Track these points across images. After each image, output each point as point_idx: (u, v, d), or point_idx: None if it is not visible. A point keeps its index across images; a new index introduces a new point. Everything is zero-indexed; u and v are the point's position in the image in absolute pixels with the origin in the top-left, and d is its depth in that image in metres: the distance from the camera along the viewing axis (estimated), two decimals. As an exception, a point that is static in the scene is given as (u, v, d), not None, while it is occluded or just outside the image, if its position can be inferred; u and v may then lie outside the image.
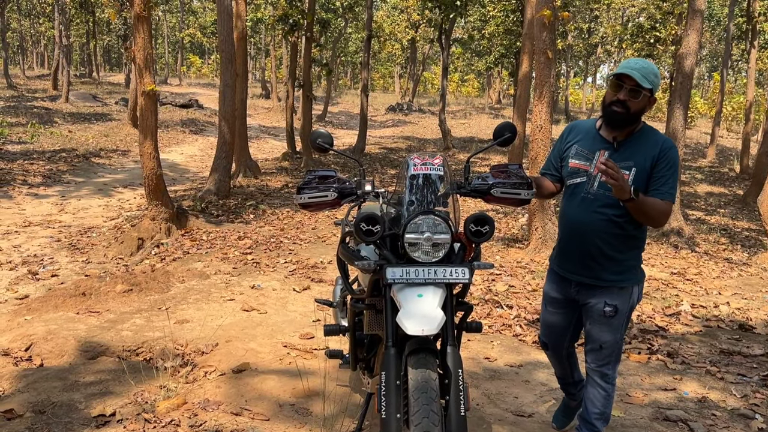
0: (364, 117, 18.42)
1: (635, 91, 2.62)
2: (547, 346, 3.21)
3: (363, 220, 2.35)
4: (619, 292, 2.82)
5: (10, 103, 26.67)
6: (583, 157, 2.84)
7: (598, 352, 2.90)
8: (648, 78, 2.60)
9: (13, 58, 57.12)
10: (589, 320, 2.91)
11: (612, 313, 2.82)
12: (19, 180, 12.68)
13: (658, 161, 2.70)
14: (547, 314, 3.15)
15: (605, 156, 2.75)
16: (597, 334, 2.88)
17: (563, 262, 2.97)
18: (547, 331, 3.17)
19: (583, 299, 2.91)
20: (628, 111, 2.65)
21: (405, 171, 2.53)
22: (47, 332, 4.53)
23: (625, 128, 2.74)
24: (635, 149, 2.75)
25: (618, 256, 2.79)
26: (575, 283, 2.92)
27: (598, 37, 34.47)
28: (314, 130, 2.78)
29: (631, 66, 2.62)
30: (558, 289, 3.03)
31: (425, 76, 50.81)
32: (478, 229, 2.40)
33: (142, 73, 7.76)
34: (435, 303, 2.24)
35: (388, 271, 2.32)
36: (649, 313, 5.75)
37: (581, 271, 2.87)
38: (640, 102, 2.65)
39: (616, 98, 2.66)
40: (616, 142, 2.77)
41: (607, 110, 2.71)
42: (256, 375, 3.79)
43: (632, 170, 2.70)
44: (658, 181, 2.70)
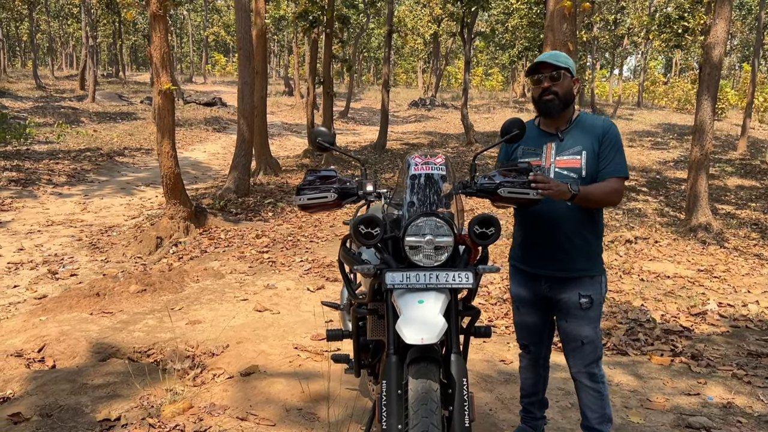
0: (385, 113, 18.31)
1: (555, 75, 2.73)
2: (528, 348, 3.10)
3: (362, 223, 2.26)
4: (591, 281, 2.82)
5: (38, 103, 27.12)
6: (531, 154, 2.86)
7: (580, 350, 2.85)
8: (560, 60, 2.74)
9: (43, 59, 58.18)
10: (565, 317, 2.86)
11: (588, 305, 2.80)
12: (45, 179, 12.83)
13: (602, 142, 2.77)
14: (520, 316, 3.05)
15: (553, 147, 2.81)
16: (576, 330, 2.83)
17: (529, 258, 2.90)
18: (525, 333, 3.08)
19: (556, 294, 2.86)
20: (557, 95, 2.74)
21: (406, 170, 2.43)
22: (60, 333, 4.53)
23: (563, 115, 2.81)
24: (580, 134, 2.81)
25: (584, 243, 2.80)
26: (545, 279, 2.86)
27: (625, 29, 33.84)
28: (315, 128, 2.69)
29: (542, 57, 2.78)
30: (528, 288, 2.95)
31: (448, 71, 50.48)
32: (484, 231, 2.29)
33: (158, 72, 7.76)
34: (436, 310, 2.14)
35: (388, 276, 2.22)
36: (674, 313, 5.58)
37: (551, 264, 2.83)
38: (565, 83, 2.75)
39: (542, 89, 2.76)
40: (560, 132, 2.82)
41: (540, 104, 2.79)
42: (264, 378, 3.73)
43: (582, 154, 2.76)
44: (605, 160, 2.76)
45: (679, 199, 13.09)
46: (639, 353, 4.61)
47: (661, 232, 9.49)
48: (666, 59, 56.45)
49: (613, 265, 7.27)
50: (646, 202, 12.95)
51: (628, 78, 60.82)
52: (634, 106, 39.49)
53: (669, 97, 42.75)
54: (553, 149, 2.81)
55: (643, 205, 12.54)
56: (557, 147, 2.81)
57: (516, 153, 2.92)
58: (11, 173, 12.77)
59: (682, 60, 49.24)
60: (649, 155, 19.86)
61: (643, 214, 11.51)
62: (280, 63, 50.48)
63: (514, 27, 28.73)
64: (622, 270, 7.06)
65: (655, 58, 50.37)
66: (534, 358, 3.12)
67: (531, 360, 3.13)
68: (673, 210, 12.03)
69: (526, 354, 3.14)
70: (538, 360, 3.13)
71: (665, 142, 23.19)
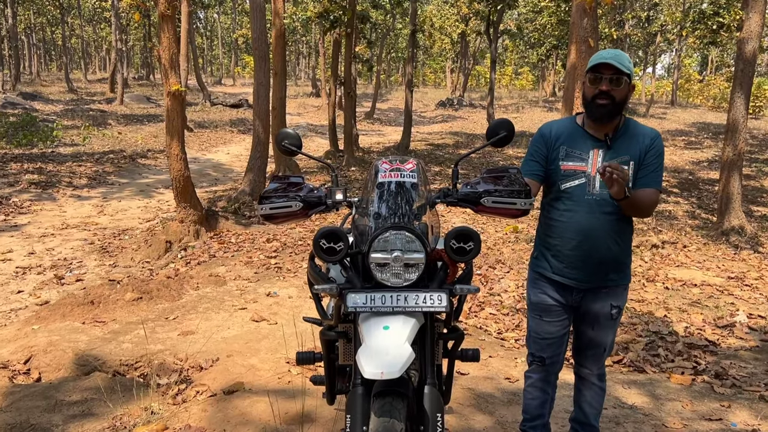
0: (409, 113, 18.05)
1: (616, 79, 2.53)
2: (544, 361, 2.86)
3: (323, 236, 2.01)
4: (622, 291, 2.77)
5: (69, 106, 27.52)
6: (576, 158, 2.67)
7: (600, 356, 2.85)
8: (624, 64, 2.52)
9: (78, 63, 59.26)
10: (592, 326, 2.79)
11: (618, 314, 2.77)
12: (65, 182, 12.88)
13: (648, 151, 2.63)
14: (541, 325, 2.83)
15: (600, 155, 2.64)
16: (601, 338, 2.79)
17: (568, 270, 2.71)
18: (544, 343, 2.85)
19: (587, 305, 2.76)
20: (613, 101, 2.54)
21: (373, 177, 2.17)
22: (48, 344, 4.37)
23: (613, 121, 2.63)
24: (628, 143, 2.65)
25: (622, 255, 2.71)
26: (578, 291, 2.73)
27: (658, 26, 33.01)
28: (280, 131, 2.45)
29: (605, 56, 2.54)
30: (556, 297, 2.77)
31: (477, 70, 49.96)
32: (461, 246, 2.02)
33: (167, 73, 7.62)
34: (402, 337, 1.88)
35: (349, 298, 1.97)
36: (699, 325, 5.21)
37: (589, 277, 2.69)
38: (623, 90, 2.55)
39: (599, 90, 2.54)
40: (608, 137, 2.64)
41: (591, 105, 2.59)
42: (247, 397, 3.50)
43: (630, 164, 2.62)
44: (648, 169, 2.63)
45: (711, 201, 12.56)
46: (658, 370, 4.27)
47: (691, 236, 9.05)
48: (701, 56, 55.09)
49: (636, 272, 6.89)
50: (677, 204, 12.45)
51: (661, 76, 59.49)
52: (668, 104, 38.55)
53: (704, 96, 41.66)
54: (600, 156, 2.63)
55: (674, 207, 12.05)
56: (605, 154, 2.64)
57: (558, 153, 2.69)
58: (33, 176, 12.83)
59: (718, 57, 47.98)
60: (682, 155, 19.23)
61: (673, 216, 11.04)
62: (308, 65, 50.55)
63: (542, 25, 28.22)
64: (646, 277, 6.68)
65: (690, 55, 49.18)
66: (547, 373, 2.90)
67: (542, 376, 2.90)
68: (705, 212, 11.53)
69: (539, 368, 2.90)
70: (550, 376, 2.92)
71: (699, 141, 22.47)
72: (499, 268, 6.78)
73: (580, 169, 2.63)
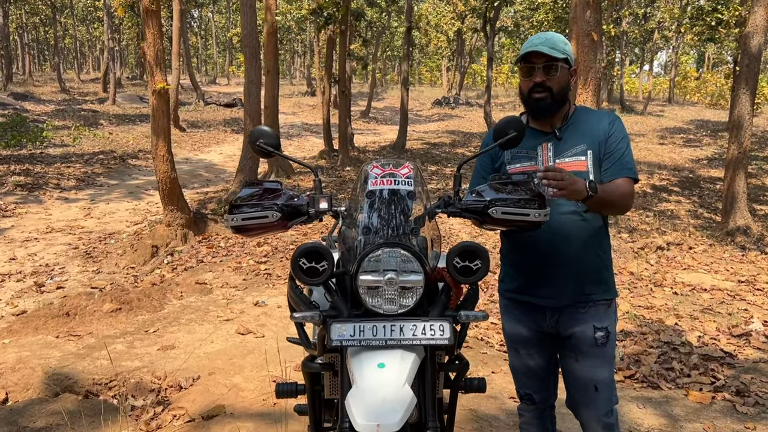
0: (405, 112, 17.73)
1: (550, 66, 2.22)
2: (533, 398, 2.50)
3: (303, 255, 1.71)
4: (606, 309, 2.34)
5: (60, 106, 27.13)
6: (523, 158, 2.33)
7: (593, 398, 2.33)
8: (557, 47, 2.22)
9: (71, 63, 58.78)
10: (575, 356, 2.34)
11: (604, 339, 2.31)
12: (52, 184, 12.53)
13: (608, 137, 2.28)
14: (520, 360, 2.48)
15: (550, 149, 2.29)
16: (588, 372, 2.32)
17: (532, 287, 2.34)
18: (527, 380, 2.50)
19: (566, 329, 2.33)
20: (551, 92, 2.23)
21: (362, 184, 1.87)
22: (17, 360, 4.07)
23: (556, 113, 2.30)
24: (580, 130, 2.30)
25: (597, 262, 2.33)
26: (551, 311, 2.33)
27: (655, 22, 32.72)
28: (255, 129, 2.13)
29: (535, 42, 2.24)
30: (528, 325, 2.39)
31: (473, 69, 49.65)
32: (467, 264, 1.72)
33: (152, 71, 7.31)
34: (402, 377, 1.57)
35: (334, 329, 1.67)
36: (713, 334, 4.92)
37: (558, 292, 2.30)
38: (560, 77, 2.24)
39: (533, 83, 2.24)
40: (556, 129, 2.30)
41: (529, 101, 2.28)
42: (228, 422, 3.20)
43: (588, 154, 2.27)
44: (612, 157, 2.27)
45: (714, 200, 12.29)
46: (674, 386, 3.98)
47: (696, 237, 8.77)
48: (698, 54, 54.88)
49: (643, 275, 6.61)
50: (679, 203, 12.17)
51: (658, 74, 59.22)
52: (665, 102, 38.34)
53: (701, 93, 41.47)
54: (551, 151, 2.29)
55: (675, 207, 11.78)
56: (555, 148, 2.29)
57: (503, 157, 2.36)
58: (19, 177, 12.48)
59: (715, 54, 47.75)
60: (681, 153, 18.97)
61: (676, 216, 10.77)
62: (304, 63, 50.20)
63: (539, 22, 27.91)
64: (653, 282, 6.39)
65: (687, 52, 48.99)
66: (539, 409, 2.54)
67: (536, 413, 2.54)
68: (707, 211, 11.26)
69: (528, 406, 2.54)
70: (545, 411, 2.55)
71: (698, 139, 22.22)
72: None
73: (530, 170, 2.26)
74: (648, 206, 11.57)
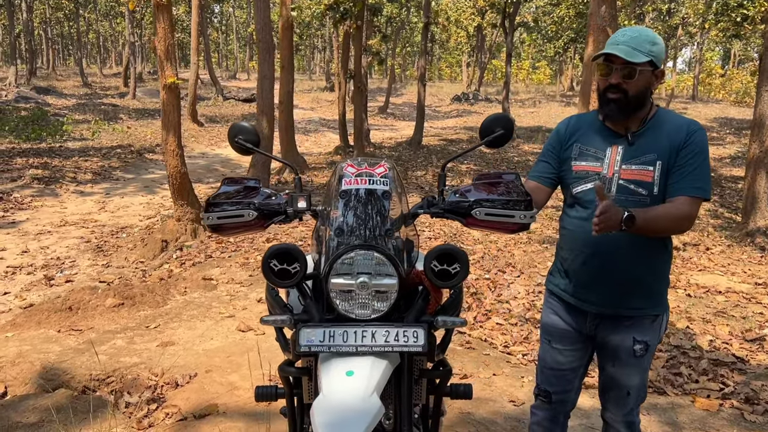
0: (422, 107, 17.61)
1: (627, 69, 2.07)
2: (550, 396, 2.43)
3: (274, 256, 1.65)
4: (651, 324, 2.25)
5: (82, 100, 27.40)
6: (591, 157, 2.24)
7: (623, 399, 2.32)
8: (641, 49, 2.06)
9: (95, 58, 59.42)
10: (611, 362, 2.31)
11: (642, 352, 2.25)
12: (69, 177, 12.64)
13: (682, 148, 2.10)
14: (551, 353, 2.41)
15: (619, 152, 2.17)
16: (623, 379, 2.30)
17: (577, 290, 2.29)
18: (552, 375, 2.43)
19: (604, 336, 2.29)
20: (626, 95, 2.10)
21: (335, 184, 1.80)
22: (18, 354, 4.07)
23: (631, 116, 2.16)
24: (655, 138, 2.15)
25: (647, 277, 2.21)
26: (594, 316, 2.28)
27: (679, 18, 32.22)
28: (234, 124, 2.07)
29: (617, 41, 2.09)
30: (569, 321, 2.35)
31: (493, 65, 49.32)
32: (444, 268, 1.65)
33: (163, 65, 7.30)
34: (370, 387, 1.50)
35: (302, 335, 1.61)
36: (725, 338, 4.78)
37: (603, 300, 2.24)
38: (639, 81, 2.09)
39: (608, 83, 2.12)
40: (630, 133, 2.18)
41: (602, 99, 2.17)
42: (220, 422, 3.16)
43: (657, 164, 2.12)
44: (682, 171, 2.10)
45: (735, 200, 12.04)
46: (681, 392, 3.86)
47: (714, 237, 8.58)
48: (724, 50, 53.98)
49: (656, 277, 6.45)
50: (699, 203, 11.95)
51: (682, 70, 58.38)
52: (689, 99, 37.72)
53: (726, 90, 40.76)
54: (619, 154, 2.18)
55: (695, 206, 11.56)
56: (625, 152, 2.18)
57: (571, 151, 2.27)
58: (37, 171, 12.60)
59: (741, 51, 46.93)
60: (704, 151, 18.61)
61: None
62: (323, 59, 50.24)
63: (560, 17, 27.62)
64: (667, 283, 6.24)
65: (712, 49, 48.15)
66: (554, 412, 2.47)
67: (550, 414, 2.47)
68: (728, 211, 11.02)
69: (544, 404, 2.47)
70: (558, 416, 2.48)
71: (721, 137, 21.82)
72: (509, 271, 6.38)
73: (594, 170, 2.20)
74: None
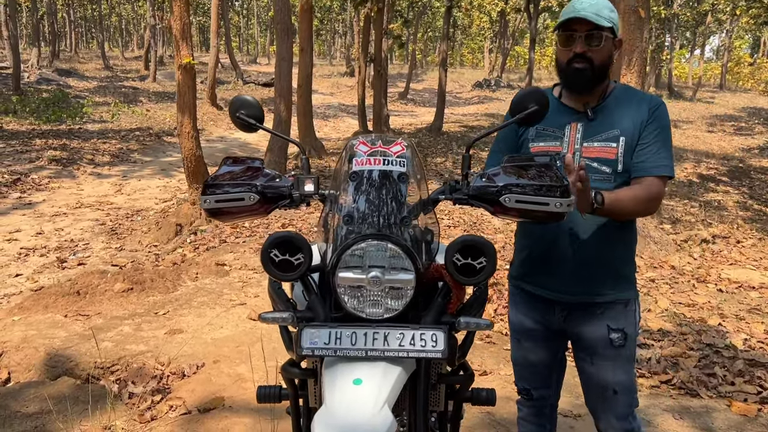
0: (443, 93, 17.32)
1: (593, 35, 1.95)
2: (531, 394, 2.30)
3: (275, 245, 1.46)
4: (624, 310, 2.09)
5: (103, 83, 27.43)
6: (549, 137, 2.07)
7: (611, 401, 2.12)
8: (603, 15, 1.94)
9: (117, 41, 59.59)
10: (590, 358, 2.13)
11: (621, 341, 2.07)
12: (87, 159, 12.59)
13: (648, 124, 1.99)
14: (522, 352, 2.27)
15: (579, 130, 2.02)
16: (606, 375, 2.10)
17: (540, 277, 2.12)
18: (527, 374, 2.30)
19: (575, 328, 2.12)
20: (592, 64, 1.96)
21: (345, 164, 1.60)
22: (22, 339, 3.95)
23: (595, 89, 2.02)
24: (617, 113, 2.02)
25: (615, 257, 2.07)
26: (561, 306, 2.12)
27: (709, 5, 31.38)
28: (236, 97, 1.86)
29: (578, 8, 1.95)
30: (534, 317, 2.18)
31: (516, 51, 48.62)
32: (469, 262, 1.44)
33: (179, 45, 7.13)
34: (380, 399, 1.31)
35: (305, 335, 1.42)
36: (760, 336, 4.53)
37: (569, 286, 2.08)
38: (605, 48, 1.97)
39: (573, 53, 1.97)
40: (589, 108, 2.04)
41: (567, 71, 2.01)
42: (225, 417, 3.00)
43: (620, 140, 1.99)
44: (647, 149, 1.98)
45: (765, 191, 11.67)
46: (715, 395, 3.63)
47: (744, 230, 8.27)
48: (753, 38, 52.72)
49: (685, 270, 6.20)
50: (727, 194, 11.59)
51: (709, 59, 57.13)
52: (716, 88, 36.91)
53: (755, 79, 39.81)
54: (579, 132, 2.03)
55: (723, 197, 11.21)
56: (585, 129, 2.03)
57: (526, 134, 2.11)
58: (55, 152, 12.54)
59: (771, 39, 45.78)
60: (731, 141, 18.15)
61: (723, 207, 10.23)
62: (344, 44, 49.91)
63: (585, 3, 27.02)
64: (696, 277, 5.98)
65: (742, 36, 47.04)
66: (538, 406, 2.34)
67: (534, 409, 2.35)
68: (758, 203, 10.67)
69: (526, 401, 2.34)
70: (544, 409, 2.35)
71: (750, 127, 21.25)
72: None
73: (553, 150, 2.03)
74: (693, 196, 11.03)
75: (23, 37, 42.17)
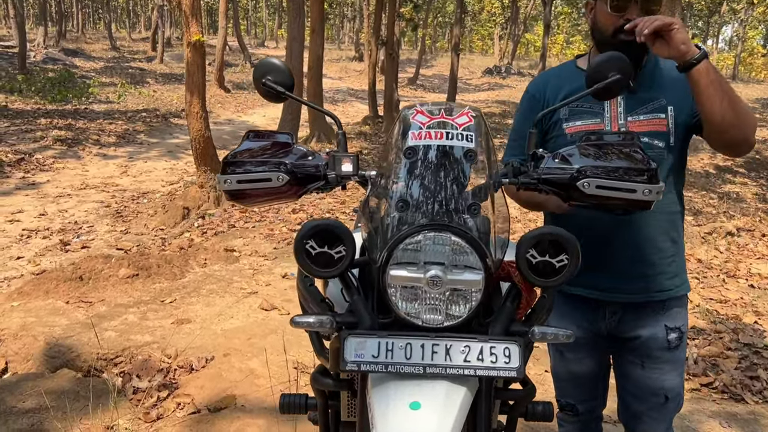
0: (454, 78, 16.97)
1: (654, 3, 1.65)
2: (576, 409, 2.01)
3: (311, 235, 1.20)
4: (681, 306, 1.85)
5: (109, 64, 27.16)
6: (586, 114, 1.77)
7: (660, 408, 1.87)
8: None
9: (125, 22, 59.16)
10: (640, 362, 1.86)
11: (677, 341, 1.83)
12: (92, 140, 12.35)
13: None
14: (565, 364, 1.97)
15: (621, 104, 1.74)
16: (659, 381, 1.84)
17: (590, 276, 1.75)
18: (571, 388, 2.00)
19: (629, 331, 1.84)
20: None
21: (398, 137, 1.34)
22: (21, 327, 3.73)
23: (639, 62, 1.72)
24: (661, 81, 1.74)
25: (671, 247, 1.80)
26: (613, 309, 1.83)
27: (725, -7, 30.84)
28: (262, 61, 1.58)
29: None
30: (580, 324, 1.87)
31: (527, 38, 48.04)
32: (547, 260, 1.19)
33: (188, 22, 6.86)
34: (445, 427, 1.06)
35: (349, 345, 1.17)
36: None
37: (626, 284, 1.80)
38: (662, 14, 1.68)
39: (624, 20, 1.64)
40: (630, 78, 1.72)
41: (611, 43, 1.66)
42: (237, 417, 2.77)
43: (669, 110, 1.73)
44: None
45: (785, 184, 11.36)
46: (761, 399, 3.39)
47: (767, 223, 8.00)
48: (766, 29, 51.96)
49: (712, 264, 5.94)
50: (744, 185, 11.29)
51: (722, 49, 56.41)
52: (729, 79, 36.34)
53: (769, 70, 39.23)
54: (621, 105, 1.75)
55: (741, 189, 10.91)
56: (627, 102, 1.75)
57: (558, 113, 1.79)
58: (61, 132, 12.31)
59: (786, 29, 45.11)
60: (748, 132, 17.77)
61: (741, 199, 9.95)
62: (353, 28, 49.40)
63: (600, -11, 26.55)
64: (725, 272, 5.73)
65: (755, 27, 46.33)
66: (584, 420, 2.05)
67: (580, 424, 2.06)
68: (777, 196, 10.37)
69: (570, 417, 2.05)
70: (590, 423, 2.07)
71: (764, 118, 20.81)
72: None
73: (594, 128, 1.75)
74: (711, 187, 10.74)
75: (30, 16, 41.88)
